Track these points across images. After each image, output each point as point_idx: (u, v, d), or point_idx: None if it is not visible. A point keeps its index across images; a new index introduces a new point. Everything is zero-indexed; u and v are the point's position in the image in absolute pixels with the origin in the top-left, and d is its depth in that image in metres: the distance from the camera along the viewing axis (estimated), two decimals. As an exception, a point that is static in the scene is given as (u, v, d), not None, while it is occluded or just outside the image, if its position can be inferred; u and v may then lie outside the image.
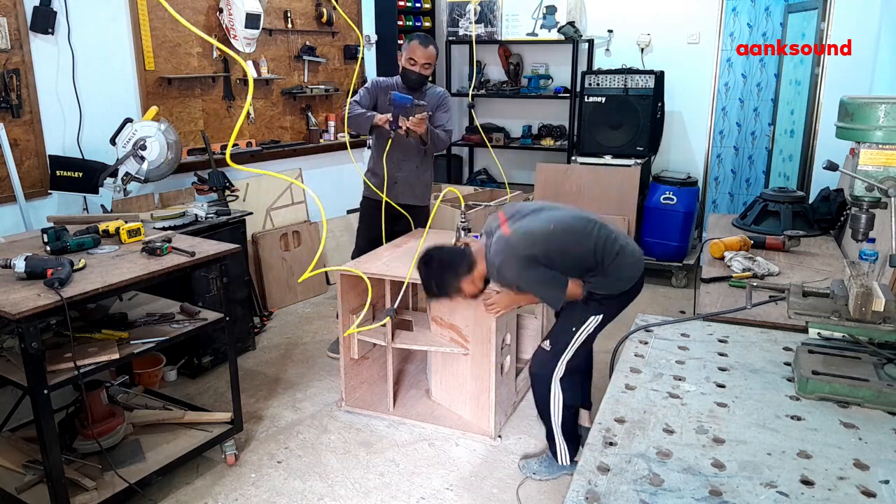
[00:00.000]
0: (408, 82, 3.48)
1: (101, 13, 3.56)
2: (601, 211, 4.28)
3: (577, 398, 2.67)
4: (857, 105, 1.56)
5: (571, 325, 2.47)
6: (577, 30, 5.13)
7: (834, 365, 1.55)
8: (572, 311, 2.47)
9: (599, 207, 4.55)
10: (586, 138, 5.07)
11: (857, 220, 1.64)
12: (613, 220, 3.61)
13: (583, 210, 2.50)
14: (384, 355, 3.13)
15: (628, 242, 2.46)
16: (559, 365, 2.49)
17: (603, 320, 2.48)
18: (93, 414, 2.54)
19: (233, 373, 2.80)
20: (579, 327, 2.46)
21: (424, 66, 3.43)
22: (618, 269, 2.39)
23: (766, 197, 3.50)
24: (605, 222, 2.45)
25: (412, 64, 3.42)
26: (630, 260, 2.42)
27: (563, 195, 4.71)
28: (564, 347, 2.48)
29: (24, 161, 3.30)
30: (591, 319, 2.45)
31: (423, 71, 3.44)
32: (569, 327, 2.48)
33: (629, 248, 2.44)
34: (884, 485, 1.19)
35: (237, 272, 3.64)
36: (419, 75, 3.44)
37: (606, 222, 2.46)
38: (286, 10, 4.58)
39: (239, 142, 4.38)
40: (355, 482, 2.68)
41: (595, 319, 2.45)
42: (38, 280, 2.20)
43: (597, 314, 2.45)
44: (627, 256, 2.41)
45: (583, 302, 2.44)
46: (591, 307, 2.44)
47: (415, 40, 3.43)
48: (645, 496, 1.15)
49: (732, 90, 6.32)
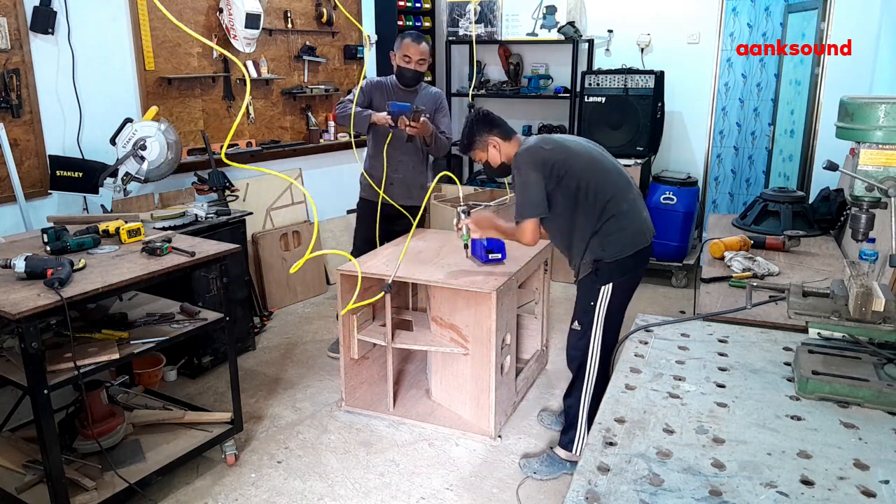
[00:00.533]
0: (404, 81, 3.48)
1: (101, 13, 3.56)
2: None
3: (600, 396, 2.72)
4: (857, 105, 1.56)
5: (588, 300, 2.56)
6: (577, 30, 5.13)
7: (834, 365, 1.55)
8: (585, 289, 2.59)
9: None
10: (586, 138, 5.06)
11: (857, 220, 1.64)
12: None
13: (622, 168, 2.67)
14: (384, 355, 3.13)
15: (635, 211, 2.55)
16: (591, 343, 2.57)
17: (614, 290, 2.52)
18: (93, 414, 2.54)
19: (233, 373, 2.80)
20: (595, 299, 2.54)
21: (419, 63, 3.42)
22: (616, 230, 2.48)
23: (766, 197, 3.50)
24: (629, 187, 2.58)
25: (407, 62, 3.41)
26: (629, 225, 2.51)
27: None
28: (591, 323, 2.56)
29: (24, 161, 3.30)
30: (602, 289, 2.53)
31: (419, 68, 3.43)
32: (587, 303, 2.57)
33: (632, 214, 2.53)
34: (884, 485, 1.19)
35: (237, 272, 3.64)
36: (415, 72, 3.44)
37: (632, 189, 2.59)
38: (286, 10, 4.58)
39: (239, 142, 4.38)
40: (355, 482, 2.69)
41: (606, 289, 2.53)
42: (38, 280, 2.20)
43: (606, 283, 2.52)
44: (627, 220, 2.50)
45: (592, 274, 2.54)
46: (600, 277, 2.53)
47: (407, 38, 3.42)
48: (645, 496, 1.15)
49: (732, 90, 6.32)
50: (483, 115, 2.74)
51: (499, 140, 2.68)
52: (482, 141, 2.69)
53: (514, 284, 2.98)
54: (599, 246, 2.49)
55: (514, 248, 3.18)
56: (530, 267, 3.12)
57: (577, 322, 2.62)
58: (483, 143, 2.69)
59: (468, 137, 2.73)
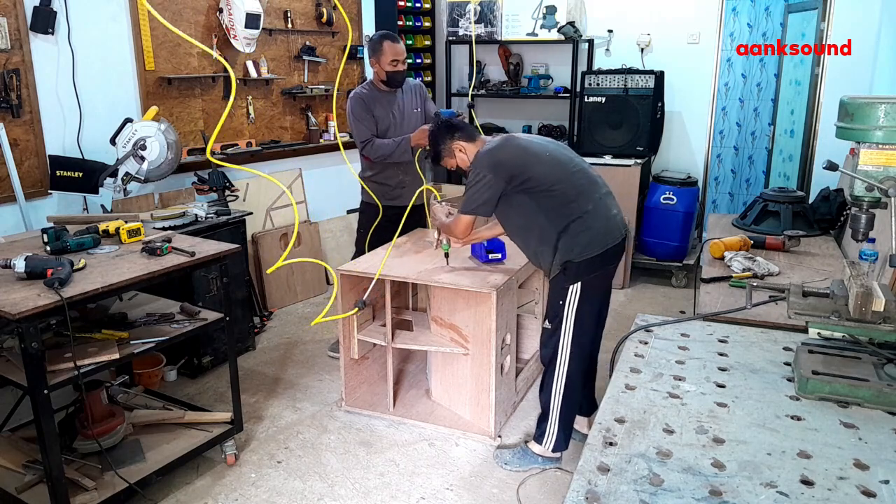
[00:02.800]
0: (394, 83, 3.42)
1: (101, 13, 3.56)
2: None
3: (589, 388, 2.86)
4: (857, 105, 1.56)
5: (557, 299, 2.57)
6: (577, 30, 5.13)
7: (834, 365, 1.55)
8: (554, 287, 2.59)
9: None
10: (586, 138, 5.07)
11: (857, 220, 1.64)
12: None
13: (588, 168, 2.66)
14: (384, 355, 3.13)
15: (602, 210, 2.56)
16: (561, 341, 2.58)
17: (583, 289, 2.53)
18: (93, 414, 2.54)
19: (233, 373, 2.80)
20: (564, 299, 2.55)
21: (404, 62, 3.40)
22: (582, 230, 2.50)
23: (766, 197, 3.50)
24: (595, 187, 2.59)
25: (395, 65, 3.35)
26: (595, 224, 2.52)
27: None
28: (560, 322, 2.57)
29: (24, 161, 3.30)
30: (571, 288, 2.53)
31: (405, 66, 3.41)
32: (556, 301, 2.58)
33: (598, 214, 2.54)
34: (884, 485, 1.19)
35: (237, 272, 3.64)
36: (403, 72, 3.40)
37: (597, 188, 2.60)
38: (286, 10, 4.57)
39: (239, 142, 4.38)
40: (355, 482, 2.69)
41: (574, 288, 2.53)
42: (38, 280, 2.20)
43: (574, 282, 2.52)
44: (592, 220, 2.52)
45: (560, 274, 2.55)
46: (568, 276, 2.54)
47: (386, 41, 3.34)
48: (645, 496, 1.15)
49: (732, 90, 6.32)
50: (443, 122, 2.80)
51: (463, 143, 2.71)
52: (447, 147, 2.73)
53: (514, 284, 2.98)
54: (567, 246, 2.51)
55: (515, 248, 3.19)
56: (530, 267, 3.12)
57: (547, 321, 2.66)
58: (448, 149, 2.73)
59: (434, 148, 2.77)
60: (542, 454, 2.72)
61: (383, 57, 3.34)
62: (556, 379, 2.62)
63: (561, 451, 2.72)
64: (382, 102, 3.45)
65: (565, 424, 2.67)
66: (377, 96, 3.45)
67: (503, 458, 2.78)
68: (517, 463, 2.75)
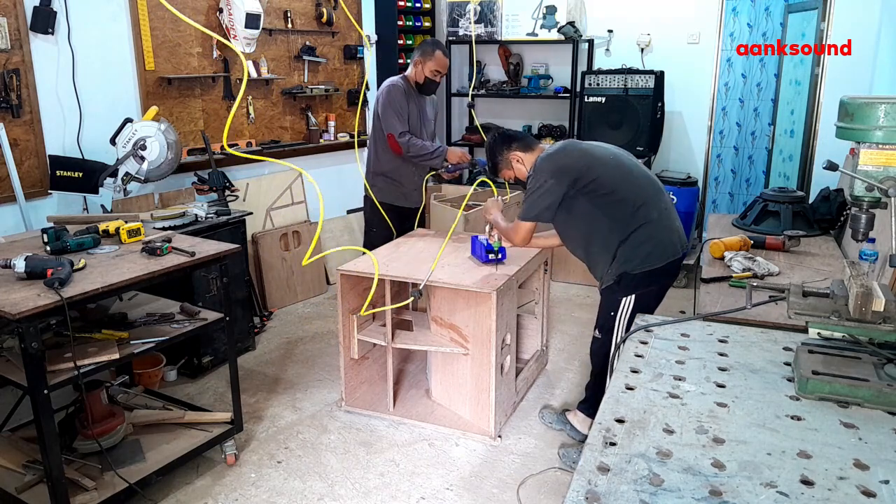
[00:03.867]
0: (426, 90, 3.52)
1: (101, 13, 3.56)
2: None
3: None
4: (857, 105, 1.56)
5: (609, 310, 2.59)
6: (577, 30, 5.13)
7: (834, 365, 1.55)
8: (607, 298, 2.61)
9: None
10: (586, 138, 5.05)
11: (857, 220, 1.64)
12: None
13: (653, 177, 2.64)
14: (384, 355, 3.13)
15: (667, 220, 2.52)
16: (612, 352, 2.58)
17: (637, 301, 2.51)
18: (93, 414, 2.54)
19: (233, 373, 2.80)
20: (616, 310, 2.56)
21: (444, 75, 3.50)
22: (645, 240, 2.45)
23: (766, 197, 3.50)
24: (660, 196, 2.55)
25: (436, 75, 3.44)
26: (659, 234, 2.47)
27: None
28: (611, 331, 2.60)
29: (24, 161, 3.30)
30: (624, 301, 2.54)
31: (441, 80, 3.51)
32: (608, 312, 2.60)
33: (663, 224, 2.49)
34: (884, 485, 1.19)
35: (237, 272, 3.64)
36: (438, 84, 3.50)
37: (662, 198, 2.56)
38: (286, 10, 4.58)
39: (239, 142, 4.39)
40: (355, 482, 2.69)
41: (627, 301, 2.53)
42: (38, 280, 2.20)
43: (626, 295, 2.53)
44: (657, 230, 2.46)
45: (615, 284, 2.54)
46: (623, 288, 2.53)
47: (438, 50, 3.42)
48: (645, 496, 1.15)
49: (732, 90, 6.32)
50: (500, 134, 2.76)
51: (520, 154, 2.69)
52: (505, 159, 2.71)
53: (514, 284, 2.97)
54: (627, 256, 2.46)
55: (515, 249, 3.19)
56: (530, 267, 3.12)
57: (597, 330, 2.64)
58: (506, 161, 2.71)
59: (492, 160, 2.75)
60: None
61: (430, 62, 3.41)
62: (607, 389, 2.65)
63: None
64: (413, 101, 3.54)
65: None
66: (411, 93, 3.53)
67: (570, 458, 2.74)
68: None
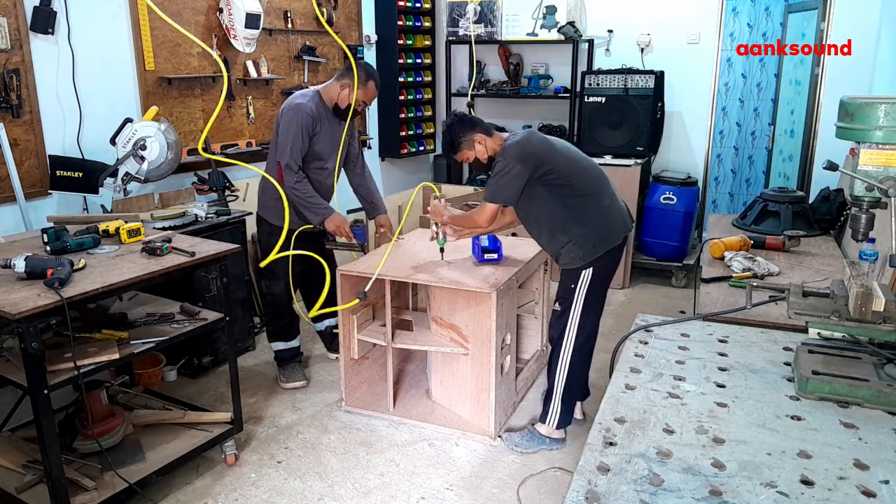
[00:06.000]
0: (342, 116, 3.19)
1: (101, 13, 3.56)
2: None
3: (584, 371, 2.92)
4: (857, 105, 1.56)
5: (569, 283, 2.71)
6: (577, 30, 5.13)
7: (834, 365, 1.55)
8: (568, 272, 2.72)
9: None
10: (586, 138, 5.07)
11: (857, 220, 1.64)
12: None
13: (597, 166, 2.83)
14: (384, 355, 3.13)
15: (617, 204, 2.76)
16: (569, 322, 2.72)
17: (594, 273, 2.67)
18: (93, 414, 2.54)
19: (233, 373, 2.80)
20: (576, 282, 2.69)
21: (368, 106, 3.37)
22: (601, 222, 2.66)
23: (766, 197, 3.50)
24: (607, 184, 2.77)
25: (361, 106, 3.17)
26: (613, 216, 2.71)
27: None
28: (570, 303, 2.71)
29: (24, 161, 3.29)
30: (583, 273, 2.67)
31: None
32: (567, 285, 2.72)
33: (614, 207, 2.73)
34: (884, 485, 1.19)
35: (237, 272, 3.64)
36: (358, 114, 3.24)
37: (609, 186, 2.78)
38: (286, 10, 4.57)
39: (239, 142, 4.38)
40: (355, 482, 2.69)
41: (587, 273, 2.67)
42: (38, 280, 2.20)
43: (586, 268, 2.67)
44: (611, 213, 2.71)
45: (575, 261, 2.69)
46: (582, 265, 2.68)
47: (372, 81, 3.12)
48: (645, 496, 1.15)
49: (732, 90, 6.32)
50: (461, 115, 2.84)
51: (483, 136, 2.77)
52: (468, 140, 2.77)
53: (514, 284, 2.98)
54: (585, 236, 2.64)
55: (514, 249, 3.19)
56: (530, 267, 3.12)
57: (557, 303, 2.78)
58: (469, 141, 2.77)
59: (453, 139, 2.79)
60: (549, 434, 2.84)
61: (360, 91, 3.10)
62: (562, 357, 2.75)
63: (564, 426, 2.84)
64: (325, 123, 3.20)
65: (568, 402, 2.80)
66: (323, 115, 3.18)
67: (513, 441, 2.88)
68: (526, 445, 2.85)
